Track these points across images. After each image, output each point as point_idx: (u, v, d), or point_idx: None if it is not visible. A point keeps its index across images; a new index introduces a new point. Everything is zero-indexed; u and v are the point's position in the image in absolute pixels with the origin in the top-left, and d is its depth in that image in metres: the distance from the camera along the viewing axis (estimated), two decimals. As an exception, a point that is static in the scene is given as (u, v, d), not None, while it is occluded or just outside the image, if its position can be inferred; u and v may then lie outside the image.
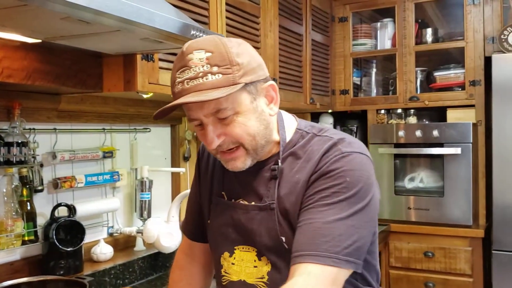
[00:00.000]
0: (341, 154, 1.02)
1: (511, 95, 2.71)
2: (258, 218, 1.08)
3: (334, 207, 0.98)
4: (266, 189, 1.09)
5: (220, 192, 1.17)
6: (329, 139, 1.07)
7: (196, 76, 0.97)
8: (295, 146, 1.10)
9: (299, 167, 1.06)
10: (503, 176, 2.73)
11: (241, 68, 0.99)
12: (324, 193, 1.00)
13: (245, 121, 1.02)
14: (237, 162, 1.06)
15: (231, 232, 1.13)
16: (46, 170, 1.87)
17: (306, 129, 1.12)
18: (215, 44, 0.99)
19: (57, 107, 1.86)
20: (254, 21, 2.39)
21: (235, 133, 1.02)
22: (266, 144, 1.07)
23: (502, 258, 2.72)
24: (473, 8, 3.02)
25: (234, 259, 1.12)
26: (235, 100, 1.00)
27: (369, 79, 3.55)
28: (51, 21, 1.19)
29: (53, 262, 1.78)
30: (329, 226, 0.97)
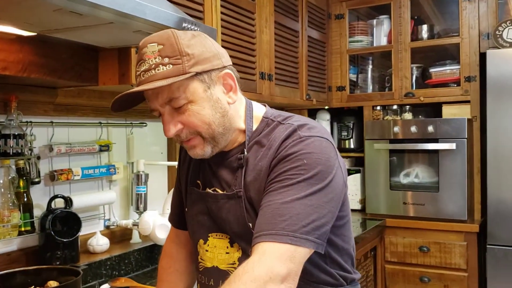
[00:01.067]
0: (299, 139, 1.05)
1: (505, 90, 2.73)
2: (227, 206, 1.11)
3: (292, 188, 1.00)
4: (233, 177, 1.12)
5: (196, 181, 1.21)
6: (290, 125, 1.09)
7: (149, 68, 1.02)
8: (260, 134, 1.13)
9: (262, 155, 1.09)
10: (498, 171, 2.76)
11: (191, 58, 1.03)
12: (282, 176, 1.02)
13: (199, 110, 1.05)
14: (197, 149, 1.09)
15: (206, 219, 1.16)
16: (43, 163, 1.90)
17: (272, 117, 1.15)
18: (167, 37, 1.03)
19: (54, 100, 1.89)
20: (249, 17, 2.42)
21: (190, 121, 1.05)
22: (226, 132, 1.10)
23: (497, 253, 2.74)
24: (468, 4, 3.04)
25: (208, 246, 1.16)
26: (188, 89, 1.04)
27: (365, 75, 3.57)
28: (44, 13, 1.22)
29: (49, 253, 1.81)
30: (286, 206, 0.99)
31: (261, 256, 0.95)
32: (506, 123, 2.73)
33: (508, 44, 2.82)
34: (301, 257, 0.98)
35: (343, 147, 3.46)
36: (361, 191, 3.35)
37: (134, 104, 1.14)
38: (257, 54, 2.48)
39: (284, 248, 0.95)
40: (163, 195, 2.44)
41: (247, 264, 0.95)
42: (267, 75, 2.55)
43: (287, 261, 0.95)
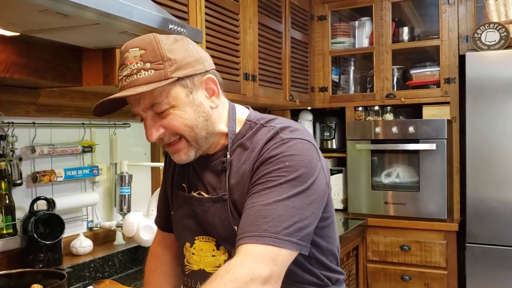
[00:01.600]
0: (281, 141, 1.06)
1: (484, 92, 2.79)
2: (212, 210, 1.12)
3: (275, 190, 1.01)
4: (218, 181, 1.12)
5: (181, 184, 1.21)
6: (272, 128, 1.10)
7: (131, 73, 1.02)
8: (243, 137, 1.13)
9: (246, 158, 1.09)
10: (477, 171, 2.81)
11: (173, 64, 1.03)
12: (265, 178, 1.03)
13: (181, 114, 1.06)
14: (181, 154, 1.09)
15: (192, 223, 1.17)
16: (25, 164, 1.87)
17: (255, 120, 1.15)
18: (149, 41, 1.04)
19: (36, 101, 1.87)
20: (233, 18, 2.42)
21: (172, 125, 1.06)
22: (209, 135, 1.10)
23: (475, 251, 2.80)
24: (448, 7, 3.10)
25: (194, 249, 1.16)
26: (170, 94, 1.04)
27: (347, 77, 3.61)
28: (29, 14, 1.21)
29: (32, 256, 1.79)
30: (269, 208, 0.99)
31: (243, 257, 0.95)
32: (484, 124, 2.79)
33: (487, 46, 2.88)
34: (284, 259, 0.98)
35: (326, 147, 3.49)
36: (343, 191, 3.39)
37: (117, 108, 1.14)
38: (241, 55, 2.48)
39: (267, 250, 0.95)
40: (147, 196, 2.43)
41: (229, 264, 0.95)
42: (251, 75, 2.56)
43: (269, 263, 0.95)
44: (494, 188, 2.76)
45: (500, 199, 2.75)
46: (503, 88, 2.74)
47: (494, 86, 2.76)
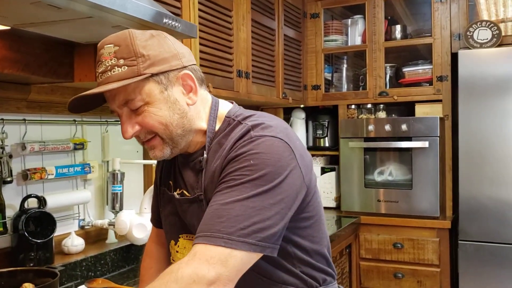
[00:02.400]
0: (250, 139, 1.02)
1: (476, 90, 2.80)
2: (190, 210, 1.10)
3: (236, 189, 0.97)
4: (196, 180, 1.11)
5: (168, 182, 1.20)
6: (245, 125, 1.06)
7: (106, 69, 1.02)
8: (221, 135, 1.10)
9: (218, 156, 1.07)
10: (469, 168, 2.82)
11: (146, 60, 1.02)
12: (229, 177, 1.00)
13: (155, 111, 1.04)
14: (156, 151, 1.08)
15: (176, 220, 1.16)
16: (15, 161, 1.84)
17: (234, 116, 1.11)
18: (124, 37, 1.03)
19: (27, 97, 1.83)
20: (226, 14, 2.40)
21: (146, 123, 1.04)
22: (185, 133, 1.08)
23: (468, 248, 2.81)
24: (440, 5, 3.10)
25: (178, 247, 1.15)
26: (143, 91, 1.03)
27: (340, 74, 3.61)
28: (21, 7, 1.18)
29: (22, 254, 1.75)
30: (226, 207, 0.95)
31: (190, 257, 0.92)
32: (477, 121, 2.79)
33: (479, 44, 2.89)
34: (237, 261, 0.92)
35: (318, 145, 3.49)
36: (336, 189, 3.38)
37: (96, 105, 1.12)
38: (234, 52, 2.46)
39: (216, 251, 0.91)
40: (139, 194, 2.40)
41: (176, 264, 0.92)
42: (244, 73, 2.54)
43: (217, 265, 0.90)
44: (487, 186, 2.77)
45: (492, 197, 2.76)
46: (495, 86, 2.75)
47: (486, 84, 2.77)
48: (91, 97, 1.04)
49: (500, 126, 2.75)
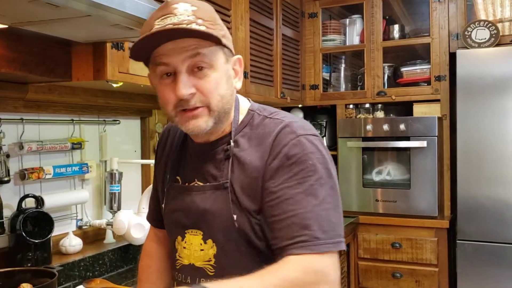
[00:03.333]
0: (296, 138, 1.02)
1: (474, 89, 2.80)
2: (213, 197, 1.08)
3: (305, 195, 0.98)
4: (219, 169, 1.09)
5: (175, 177, 1.18)
6: (280, 121, 1.07)
7: (181, 22, 0.96)
8: (246, 127, 1.10)
9: (251, 149, 1.06)
10: (467, 168, 2.82)
11: (222, 29, 1.02)
12: (293, 181, 0.99)
13: (217, 79, 1.02)
14: (199, 121, 1.03)
15: (181, 216, 1.13)
16: (12, 161, 1.83)
17: (258, 111, 1.12)
18: (202, 3, 1.03)
19: (24, 96, 1.82)
20: (225, 14, 2.40)
21: (207, 88, 1.01)
22: (228, 112, 1.07)
23: (466, 248, 2.81)
24: (439, 5, 3.10)
25: (185, 243, 1.13)
26: (214, 54, 1.00)
27: (338, 74, 3.60)
28: (18, 5, 1.17)
29: (20, 255, 1.74)
30: (308, 216, 0.97)
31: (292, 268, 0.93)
32: (475, 121, 2.79)
33: (477, 44, 2.89)
34: (335, 263, 0.97)
35: (316, 145, 3.47)
36: (334, 189, 3.37)
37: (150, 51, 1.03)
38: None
39: (315, 259, 0.95)
40: (137, 194, 2.40)
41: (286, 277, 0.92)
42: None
43: (319, 274, 0.94)
44: (485, 185, 2.77)
45: (490, 196, 2.76)
46: (493, 86, 2.75)
47: (484, 83, 2.77)
48: (148, 42, 0.98)
49: (498, 125, 2.75)
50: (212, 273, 1.07)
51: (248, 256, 1.05)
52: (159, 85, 1.04)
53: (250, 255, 1.05)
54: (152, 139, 2.52)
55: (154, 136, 2.53)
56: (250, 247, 1.05)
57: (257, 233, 1.04)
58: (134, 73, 1.79)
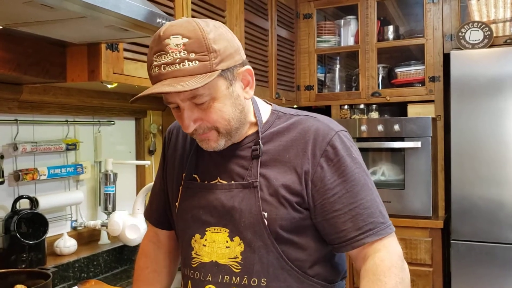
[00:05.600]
0: (336, 134, 1.09)
1: (468, 90, 2.81)
2: (241, 195, 1.09)
3: (361, 186, 1.07)
4: (246, 168, 1.11)
5: (192, 175, 1.18)
6: (312, 118, 1.13)
7: (173, 62, 0.98)
8: (273, 126, 1.14)
9: (287, 147, 1.10)
10: (461, 168, 2.84)
11: (218, 55, 1.00)
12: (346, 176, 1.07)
13: (221, 107, 1.04)
14: (211, 142, 1.09)
15: (202, 214, 1.13)
16: (6, 162, 1.82)
17: (282, 110, 1.17)
18: (193, 29, 0.99)
19: (19, 97, 1.82)
20: (220, 15, 2.40)
21: (211, 118, 1.05)
22: (241, 127, 1.11)
23: (460, 247, 2.82)
24: (433, 6, 3.12)
25: (205, 241, 1.12)
26: (212, 86, 1.02)
27: (332, 75, 3.61)
28: (13, 6, 1.17)
29: (14, 256, 1.74)
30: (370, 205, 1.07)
31: (385, 252, 1.06)
32: (469, 121, 2.81)
33: (471, 45, 2.91)
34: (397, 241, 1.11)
35: (311, 145, 3.48)
36: (329, 189, 3.38)
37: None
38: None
39: (390, 240, 1.08)
40: (132, 195, 2.40)
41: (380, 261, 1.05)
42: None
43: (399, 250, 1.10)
44: (479, 185, 2.79)
45: (484, 196, 2.78)
46: (487, 86, 2.77)
47: (478, 84, 2.78)
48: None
49: (491, 126, 2.76)
50: (238, 270, 1.08)
51: (274, 253, 1.07)
52: (173, 113, 1.09)
53: (276, 251, 1.07)
54: (146, 140, 2.52)
55: (148, 137, 2.53)
56: (277, 243, 1.07)
57: (283, 226, 1.07)
58: (129, 74, 1.79)
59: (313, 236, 1.11)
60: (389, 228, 1.08)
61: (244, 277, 1.07)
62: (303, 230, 1.10)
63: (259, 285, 1.06)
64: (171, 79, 0.98)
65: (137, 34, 1.45)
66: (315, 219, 1.09)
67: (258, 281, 1.06)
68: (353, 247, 1.06)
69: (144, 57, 1.89)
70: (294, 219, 1.07)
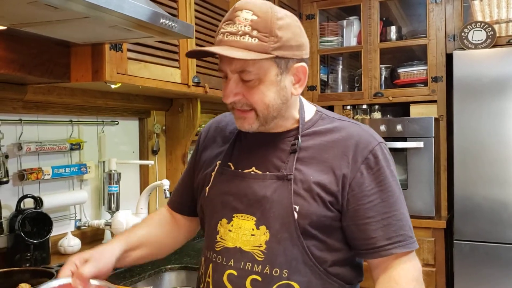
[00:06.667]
0: (378, 144, 1.12)
1: (471, 90, 2.81)
2: (274, 186, 1.11)
3: (396, 198, 1.10)
4: (283, 161, 1.13)
5: (227, 163, 1.20)
6: (356, 125, 1.15)
7: (236, 32, 1.04)
8: (315, 125, 1.16)
9: (327, 147, 1.12)
10: (464, 169, 2.84)
11: (278, 41, 1.04)
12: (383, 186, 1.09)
13: (264, 90, 1.08)
14: (245, 123, 1.12)
15: (231, 200, 1.15)
16: (11, 162, 1.84)
17: (326, 113, 1.20)
18: (265, 11, 1.05)
19: (23, 97, 1.83)
20: (222, 15, 2.40)
21: (252, 98, 1.08)
22: (278, 117, 1.12)
23: (463, 248, 2.82)
24: (435, 6, 3.12)
25: (232, 226, 1.13)
26: (262, 68, 1.06)
27: (335, 75, 3.62)
28: (17, 6, 1.18)
29: (19, 255, 1.75)
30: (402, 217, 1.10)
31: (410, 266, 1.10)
32: (471, 122, 2.81)
33: (474, 45, 2.91)
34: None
35: (314, 146, 3.49)
36: (332, 190, 3.38)
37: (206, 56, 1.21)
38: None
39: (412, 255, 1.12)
40: (135, 194, 2.41)
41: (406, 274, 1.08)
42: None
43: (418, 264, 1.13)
44: (481, 185, 2.79)
45: (487, 196, 2.77)
46: (490, 87, 2.77)
47: (481, 84, 2.78)
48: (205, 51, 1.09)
49: (495, 126, 2.76)
50: (261, 259, 1.09)
51: (299, 246, 1.08)
52: (222, 82, 1.13)
53: (301, 245, 1.08)
54: (150, 140, 2.53)
55: (152, 137, 2.54)
56: (303, 237, 1.08)
57: (312, 222, 1.08)
58: (132, 74, 1.80)
59: (339, 238, 1.12)
60: (416, 244, 1.10)
61: (266, 266, 1.08)
62: (330, 230, 1.11)
63: (280, 275, 1.07)
64: (228, 47, 1.03)
65: (141, 34, 1.46)
66: (345, 222, 1.11)
67: (279, 272, 1.07)
68: (381, 255, 1.08)
69: (147, 57, 1.91)
70: (324, 217, 1.09)
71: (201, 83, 2.22)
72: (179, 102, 2.52)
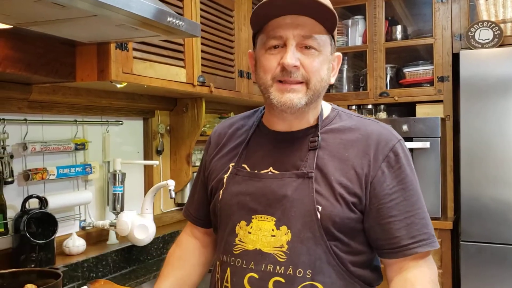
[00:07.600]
0: (398, 142, 1.11)
1: (478, 90, 2.79)
2: (294, 185, 1.08)
3: (418, 196, 1.10)
4: (302, 159, 1.10)
5: (241, 165, 1.17)
6: (375, 123, 1.14)
7: None
8: (333, 122, 1.15)
9: (347, 145, 1.10)
10: (471, 169, 2.81)
11: (337, 22, 1.07)
12: (404, 184, 1.08)
13: (321, 62, 1.07)
14: (295, 96, 1.06)
15: (248, 200, 1.11)
16: (16, 162, 1.82)
17: (342, 110, 1.19)
18: None
19: (28, 97, 1.82)
20: (228, 14, 2.40)
21: (312, 66, 1.06)
22: (319, 98, 1.12)
23: (470, 249, 2.80)
24: (441, 6, 3.10)
25: (251, 228, 1.10)
26: (324, 41, 1.07)
27: (340, 75, 3.59)
28: (24, 5, 1.17)
29: (24, 255, 1.74)
30: (425, 216, 1.09)
31: (429, 264, 1.10)
32: (478, 122, 2.79)
33: (480, 45, 2.89)
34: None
35: (319, 146, 3.47)
36: (337, 190, 3.37)
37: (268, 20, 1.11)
38: (235, 52, 2.46)
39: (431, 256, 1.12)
40: (140, 194, 2.39)
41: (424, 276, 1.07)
42: (245, 73, 2.54)
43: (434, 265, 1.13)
44: (488, 186, 2.77)
45: (494, 197, 2.75)
46: (496, 86, 2.75)
47: (487, 84, 2.76)
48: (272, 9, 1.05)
49: (501, 126, 2.74)
50: (283, 260, 1.06)
51: (323, 246, 1.05)
52: (264, 55, 1.08)
53: (325, 245, 1.06)
54: (154, 140, 2.52)
55: (156, 137, 2.53)
56: (326, 235, 1.05)
57: (336, 224, 1.06)
58: (138, 74, 1.79)
59: (362, 241, 1.10)
60: (437, 243, 1.10)
61: (289, 267, 1.05)
62: (354, 233, 1.09)
63: (304, 276, 1.04)
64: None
65: (148, 33, 1.45)
66: (367, 222, 1.09)
67: (303, 272, 1.04)
68: (405, 254, 1.06)
69: (153, 56, 1.89)
70: (348, 219, 1.06)
71: (206, 83, 2.21)
72: (184, 102, 2.51)
